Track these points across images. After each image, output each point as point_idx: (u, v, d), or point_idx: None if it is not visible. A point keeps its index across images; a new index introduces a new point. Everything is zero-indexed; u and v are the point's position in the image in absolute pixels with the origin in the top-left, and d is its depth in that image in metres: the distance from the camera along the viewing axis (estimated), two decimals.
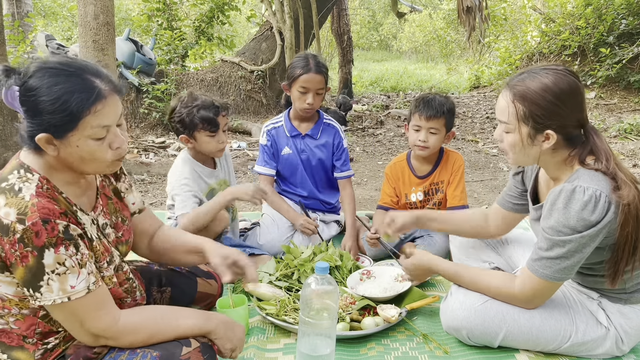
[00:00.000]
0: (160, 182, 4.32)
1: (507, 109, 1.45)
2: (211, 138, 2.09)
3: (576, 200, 1.36)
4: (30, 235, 1.07)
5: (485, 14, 6.99)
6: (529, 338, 1.56)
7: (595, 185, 1.36)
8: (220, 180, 2.28)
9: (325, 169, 2.64)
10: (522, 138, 1.44)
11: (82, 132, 1.14)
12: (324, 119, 2.62)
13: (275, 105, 7.72)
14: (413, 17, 16.71)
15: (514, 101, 1.43)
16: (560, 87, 1.38)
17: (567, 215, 1.37)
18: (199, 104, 2.05)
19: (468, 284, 1.64)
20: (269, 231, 2.49)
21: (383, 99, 9.23)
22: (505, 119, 1.46)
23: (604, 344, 1.54)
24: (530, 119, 1.41)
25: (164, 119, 6.55)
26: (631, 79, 6.78)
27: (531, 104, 1.40)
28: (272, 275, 2.07)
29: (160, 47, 7.66)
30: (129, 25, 11.45)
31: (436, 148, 2.38)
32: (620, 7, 7.01)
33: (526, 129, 1.43)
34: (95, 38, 4.03)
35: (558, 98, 1.38)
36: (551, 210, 1.41)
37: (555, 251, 1.41)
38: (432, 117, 2.28)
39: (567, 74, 1.40)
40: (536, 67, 1.45)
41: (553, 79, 1.39)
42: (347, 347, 1.69)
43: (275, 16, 7.00)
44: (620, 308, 1.54)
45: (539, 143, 1.44)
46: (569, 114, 1.40)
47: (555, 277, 1.44)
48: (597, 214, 1.35)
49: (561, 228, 1.38)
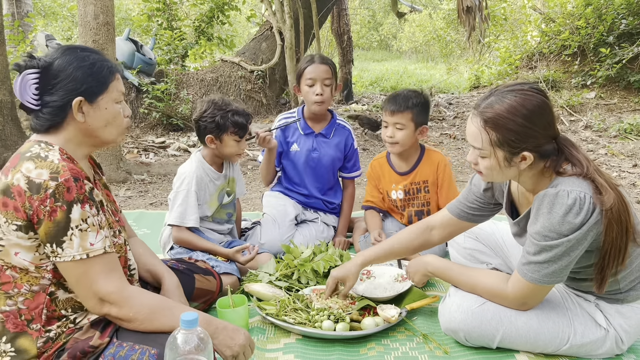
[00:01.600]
0: (160, 182, 4.32)
1: (479, 136, 1.44)
2: (236, 143, 2.17)
3: (560, 204, 1.37)
4: (62, 190, 1.20)
5: (485, 13, 6.99)
6: (526, 340, 1.56)
7: (578, 188, 1.37)
8: (228, 179, 2.32)
9: (334, 169, 2.66)
10: (499, 162, 1.45)
11: (110, 94, 1.35)
12: (337, 119, 2.63)
13: (275, 105, 7.71)
14: (413, 17, 16.71)
15: (486, 128, 1.42)
16: (529, 109, 1.39)
17: (552, 219, 1.38)
18: (233, 109, 2.15)
19: (460, 283, 1.64)
20: (270, 230, 2.49)
21: (383, 99, 9.24)
22: (480, 146, 1.46)
23: (604, 345, 1.54)
24: (505, 144, 1.41)
25: (164, 119, 6.56)
26: (631, 79, 6.78)
27: (504, 129, 1.40)
28: (272, 275, 2.07)
29: (160, 47, 7.66)
30: (129, 25, 11.45)
31: (406, 144, 2.34)
32: (620, 7, 7.00)
33: (502, 153, 1.43)
34: (95, 38, 4.03)
35: (529, 120, 1.39)
36: (537, 215, 1.43)
37: (543, 256, 1.42)
38: (395, 112, 2.28)
39: (534, 93, 1.41)
40: (502, 88, 1.45)
41: (521, 101, 1.39)
42: (347, 347, 1.69)
43: (275, 16, 7.00)
44: (619, 308, 1.54)
45: (516, 164, 1.45)
46: (541, 132, 1.41)
47: (544, 280, 1.45)
48: (581, 216, 1.35)
49: (547, 232, 1.39)
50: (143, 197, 3.85)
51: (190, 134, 6.38)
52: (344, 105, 8.63)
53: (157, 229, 2.89)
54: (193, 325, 1.21)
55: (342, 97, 8.99)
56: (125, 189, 4.03)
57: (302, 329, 1.72)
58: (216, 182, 2.24)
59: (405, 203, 2.48)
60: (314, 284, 2.04)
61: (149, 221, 3.10)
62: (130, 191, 4.00)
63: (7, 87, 4.74)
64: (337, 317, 1.73)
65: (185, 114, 6.59)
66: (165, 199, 3.81)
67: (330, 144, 2.60)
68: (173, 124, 6.63)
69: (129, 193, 3.95)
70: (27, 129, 6.00)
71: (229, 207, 2.35)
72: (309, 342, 1.72)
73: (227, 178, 2.31)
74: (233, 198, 2.36)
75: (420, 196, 2.45)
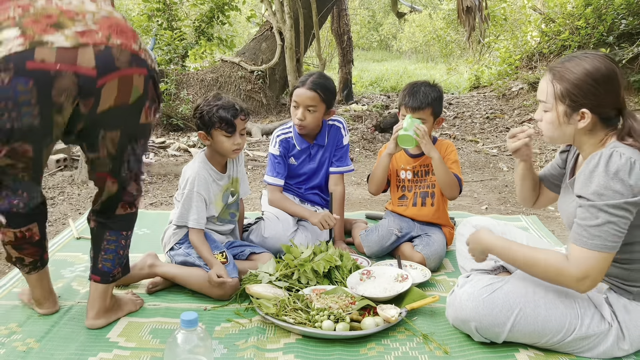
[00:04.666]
0: (160, 182, 4.32)
1: (545, 89, 1.53)
2: (226, 138, 2.12)
3: (614, 162, 1.40)
4: None
5: (485, 14, 6.99)
6: (534, 329, 1.57)
7: (630, 153, 1.41)
8: (232, 179, 2.31)
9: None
10: (559, 116, 1.51)
11: None
12: (328, 122, 2.62)
13: (275, 105, 7.71)
14: (413, 17, 16.71)
15: (553, 81, 1.51)
16: (598, 69, 1.46)
17: (607, 176, 1.40)
18: (220, 104, 2.11)
19: (518, 261, 1.58)
20: (274, 225, 2.50)
21: (383, 99, 9.23)
22: (544, 98, 1.54)
23: (606, 341, 1.54)
24: (566, 97, 1.48)
25: (164, 119, 6.56)
26: (631, 79, 6.77)
27: (568, 83, 1.48)
28: (272, 275, 2.07)
29: (160, 47, 7.65)
30: None
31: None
32: (620, 7, 7.00)
33: (562, 107, 1.50)
34: None
35: (594, 79, 1.45)
36: (591, 175, 1.43)
37: (601, 217, 1.41)
38: (417, 109, 2.32)
39: (606, 60, 1.48)
40: (578, 53, 1.53)
41: (591, 62, 1.47)
42: (347, 347, 1.69)
43: (275, 16, 6.99)
44: (626, 304, 1.55)
45: (574, 122, 1.50)
46: (604, 95, 1.46)
47: (607, 245, 1.41)
48: (633, 177, 1.39)
49: (602, 191, 1.40)
50: (143, 197, 3.84)
51: (190, 134, 6.38)
52: (344, 105, 8.63)
53: (157, 229, 2.88)
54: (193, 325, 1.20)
55: (342, 97, 8.99)
56: None
57: (302, 329, 1.72)
58: (219, 183, 2.23)
59: (413, 184, 2.51)
60: (314, 284, 2.04)
61: (149, 221, 3.10)
62: None
63: None
64: (337, 317, 1.73)
65: (185, 114, 6.59)
66: (166, 199, 3.81)
67: (326, 148, 2.60)
68: (173, 124, 6.63)
69: None
70: None
71: (232, 208, 2.35)
72: (309, 342, 1.73)
73: (231, 178, 2.30)
74: (237, 198, 2.36)
75: (428, 178, 2.47)
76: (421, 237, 2.45)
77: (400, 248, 2.45)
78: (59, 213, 3.41)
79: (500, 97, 8.27)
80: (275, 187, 2.57)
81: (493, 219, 2.06)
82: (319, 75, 2.46)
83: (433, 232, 2.44)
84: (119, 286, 2.14)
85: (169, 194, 3.94)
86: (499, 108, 7.77)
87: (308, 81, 2.42)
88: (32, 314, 1.91)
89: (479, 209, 3.45)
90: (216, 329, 1.83)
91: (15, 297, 2.06)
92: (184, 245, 2.17)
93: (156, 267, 2.14)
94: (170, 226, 2.24)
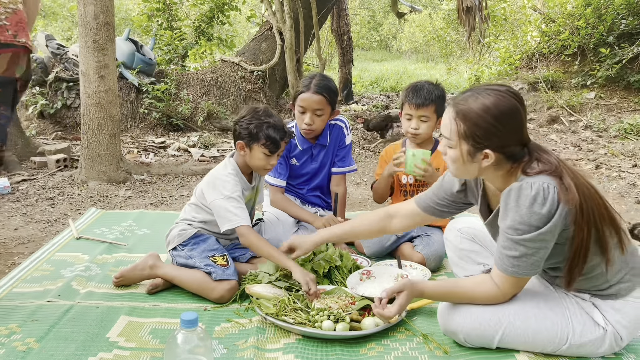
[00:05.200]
0: (160, 182, 4.32)
1: (449, 126, 1.51)
2: (265, 157, 2.10)
3: (525, 195, 1.41)
4: None
5: (485, 14, 6.99)
6: (525, 340, 1.56)
7: (540, 180, 1.41)
8: (255, 190, 2.30)
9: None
10: (462, 155, 1.51)
11: None
12: (330, 122, 2.61)
13: (275, 106, 7.71)
14: (413, 17, 16.71)
15: (456, 119, 1.49)
16: (500, 109, 1.44)
17: (520, 212, 1.41)
18: (272, 122, 2.08)
19: (459, 302, 1.64)
20: (274, 227, 2.49)
21: (383, 99, 9.24)
22: (448, 135, 1.52)
23: (603, 344, 1.54)
24: (470, 138, 1.47)
25: (164, 119, 6.56)
26: (631, 79, 6.77)
27: (471, 123, 1.46)
28: (272, 275, 2.07)
29: (160, 47, 7.66)
30: (129, 25, 11.45)
31: (428, 134, 2.43)
32: (620, 7, 7.00)
33: (466, 147, 1.49)
34: (95, 38, 4.03)
35: (497, 119, 1.43)
36: (505, 210, 1.46)
37: (519, 250, 1.45)
38: (421, 106, 2.34)
39: (509, 95, 1.46)
40: (480, 87, 1.51)
41: (494, 100, 1.45)
42: (347, 347, 1.69)
43: (275, 16, 6.99)
44: (613, 304, 1.54)
45: (478, 160, 1.49)
46: (507, 134, 1.45)
47: (525, 273, 1.48)
48: (547, 205, 1.39)
49: (518, 226, 1.42)
50: (143, 197, 3.85)
51: (190, 134, 6.38)
52: (344, 105, 8.63)
53: (157, 229, 2.89)
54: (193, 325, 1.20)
55: (342, 97, 8.99)
56: (125, 189, 4.03)
57: (302, 329, 1.72)
58: (245, 193, 2.21)
59: (415, 189, 2.52)
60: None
61: (149, 221, 3.10)
62: (130, 191, 4.00)
63: None
64: (337, 317, 1.73)
65: (185, 114, 6.59)
66: (166, 199, 3.81)
67: (328, 148, 2.60)
68: (173, 124, 6.63)
69: (129, 193, 3.95)
70: (26, 129, 6.00)
71: None
72: (309, 342, 1.72)
73: (255, 189, 2.29)
74: (254, 207, 2.35)
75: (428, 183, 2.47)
76: (421, 237, 2.45)
77: (400, 248, 2.45)
78: (59, 213, 3.41)
79: None
80: (277, 188, 2.57)
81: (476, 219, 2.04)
82: (320, 77, 2.45)
83: (433, 233, 2.44)
84: (120, 286, 2.15)
85: (169, 194, 3.94)
86: None
87: (312, 85, 2.39)
88: (32, 314, 1.91)
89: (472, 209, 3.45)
90: (216, 329, 1.83)
91: (15, 297, 2.07)
92: (187, 247, 2.16)
93: (157, 268, 2.14)
94: (177, 225, 2.23)
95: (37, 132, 6.22)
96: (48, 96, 6.34)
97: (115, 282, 2.14)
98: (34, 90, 6.30)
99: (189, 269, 2.10)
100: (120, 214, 3.29)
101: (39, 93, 6.30)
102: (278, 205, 2.55)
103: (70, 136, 6.14)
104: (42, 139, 5.83)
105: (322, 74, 2.53)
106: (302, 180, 2.66)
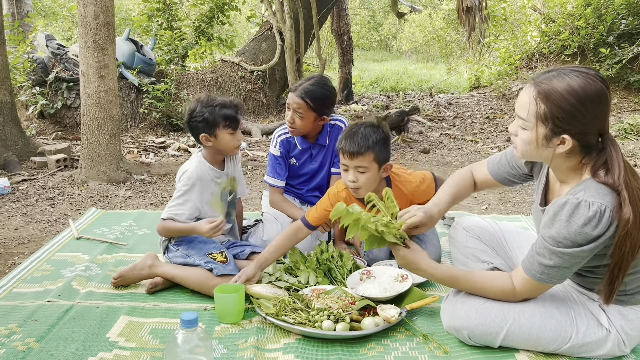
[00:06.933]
0: (160, 182, 4.32)
1: (527, 106, 1.40)
2: (231, 136, 2.16)
3: (580, 214, 1.35)
4: None
5: (485, 14, 6.99)
6: (529, 338, 1.56)
7: (600, 200, 1.35)
8: (229, 178, 2.31)
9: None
10: (538, 138, 1.41)
11: None
12: (331, 120, 2.60)
13: (275, 105, 7.71)
14: (413, 17, 16.71)
15: (537, 99, 1.38)
16: (587, 93, 1.33)
17: (570, 229, 1.36)
18: (220, 102, 2.14)
19: (467, 290, 1.63)
20: (273, 227, 2.49)
21: (383, 99, 9.24)
22: (524, 116, 1.42)
23: (605, 346, 1.54)
24: (550, 120, 1.37)
25: (164, 119, 6.56)
26: (631, 79, 6.78)
27: (554, 105, 1.35)
28: (272, 275, 2.07)
29: (160, 47, 7.66)
30: (129, 25, 11.45)
31: (372, 186, 2.05)
32: (620, 7, 7.00)
33: (543, 130, 1.39)
34: (95, 38, 4.03)
35: (582, 104, 1.33)
36: (553, 220, 1.40)
37: (554, 260, 1.42)
38: (356, 155, 1.97)
39: (597, 80, 1.35)
40: (566, 68, 1.39)
41: (581, 83, 1.33)
42: (347, 347, 1.69)
43: (275, 16, 7.00)
44: (621, 310, 1.53)
45: (553, 145, 1.40)
46: (590, 121, 1.35)
47: (552, 281, 1.46)
48: (599, 228, 1.34)
49: (561, 240, 1.38)
50: (143, 197, 3.85)
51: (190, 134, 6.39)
52: (344, 105, 8.63)
53: None
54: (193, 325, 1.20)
55: (342, 97, 8.99)
56: (125, 189, 4.03)
57: (302, 329, 1.72)
58: (218, 181, 2.24)
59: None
60: (314, 284, 2.04)
61: (149, 221, 3.10)
62: (130, 191, 4.00)
63: (7, 87, 4.74)
64: (337, 317, 1.73)
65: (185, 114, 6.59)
66: (165, 199, 3.81)
67: (328, 148, 2.59)
68: (173, 124, 6.63)
69: (129, 193, 3.95)
70: (26, 129, 6.01)
71: (230, 207, 2.35)
72: (309, 342, 1.73)
73: (229, 177, 2.31)
74: (234, 197, 2.36)
75: None
76: (419, 237, 2.44)
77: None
78: (59, 213, 3.41)
79: (500, 97, 8.27)
80: (275, 189, 2.57)
81: (482, 218, 2.04)
82: (315, 81, 2.38)
83: (433, 232, 2.44)
84: (119, 287, 2.15)
85: (169, 194, 3.94)
86: (499, 108, 7.77)
87: (300, 87, 2.37)
88: (32, 314, 1.91)
89: (479, 209, 3.45)
90: (216, 329, 1.83)
91: (15, 297, 2.07)
92: (182, 246, 2.17)
93: (156, 267, 2.14)
94: None
95: (37, 132, 6.22)
96: (48, 96, 6.34)
97: (114, 282, 2.14)
98: (34, 90, 6.31)
99: (189, 267, 2.10)
100: (120, 214, 3.29)
101: (39, 93, 6.30)
102: (276, 206, 2.55)
103: (70, 136, 6.14)
104: (42, 139, 5.84)
105: (321, 77, 2.47)
106: (301, 180, 2.66)
